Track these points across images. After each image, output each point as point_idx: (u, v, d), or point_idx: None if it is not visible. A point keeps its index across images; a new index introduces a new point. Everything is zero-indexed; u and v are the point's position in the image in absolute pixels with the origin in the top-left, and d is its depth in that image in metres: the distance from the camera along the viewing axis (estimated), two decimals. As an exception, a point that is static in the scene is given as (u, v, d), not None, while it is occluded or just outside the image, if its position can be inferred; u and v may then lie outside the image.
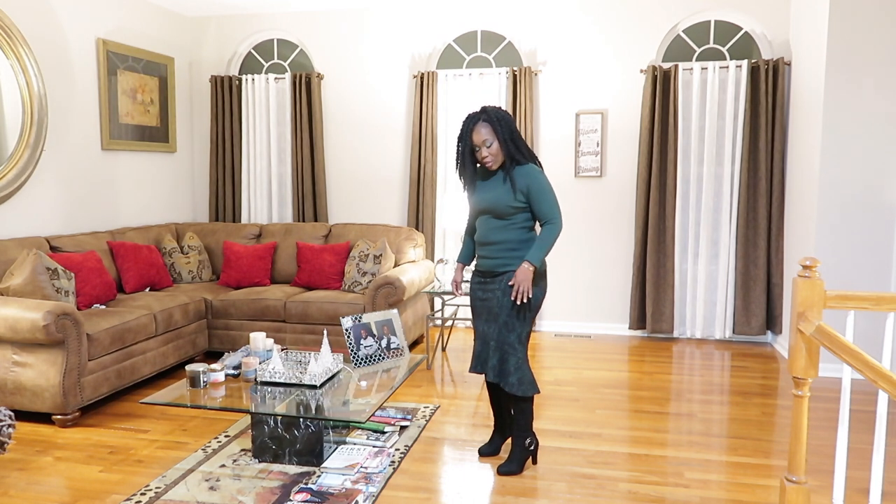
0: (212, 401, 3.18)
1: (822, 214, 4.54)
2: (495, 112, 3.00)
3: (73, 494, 2.91)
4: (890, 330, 2.22)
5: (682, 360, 5.01)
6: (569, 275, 5.82)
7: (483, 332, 3.13)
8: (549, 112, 5.74)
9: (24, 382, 3.63)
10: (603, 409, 3.94)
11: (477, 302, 3.15)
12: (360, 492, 2.89)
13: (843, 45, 4.40)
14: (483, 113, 3.00)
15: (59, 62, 4.80)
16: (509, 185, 3.00)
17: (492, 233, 3.06)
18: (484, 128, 2.97)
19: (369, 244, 5.22)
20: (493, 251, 3.06)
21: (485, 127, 2.98)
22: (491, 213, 3.05)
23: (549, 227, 2.99)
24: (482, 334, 3.14)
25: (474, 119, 3.00)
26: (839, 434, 2.27)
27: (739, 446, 3.41)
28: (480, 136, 2.98)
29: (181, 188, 6.25)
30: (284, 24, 6.16)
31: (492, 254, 3.07)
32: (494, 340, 3.06)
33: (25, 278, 3.84)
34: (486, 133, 2.97)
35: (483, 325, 3.14)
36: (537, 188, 2.99)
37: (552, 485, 2.98)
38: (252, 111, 6.13)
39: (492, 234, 3.06)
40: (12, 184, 4.38)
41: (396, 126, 6.03)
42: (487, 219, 3.07)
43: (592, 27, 5.61)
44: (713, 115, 5.33)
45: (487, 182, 3.08)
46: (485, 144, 2.98)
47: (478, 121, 2.99)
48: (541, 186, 2.99)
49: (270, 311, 4.86)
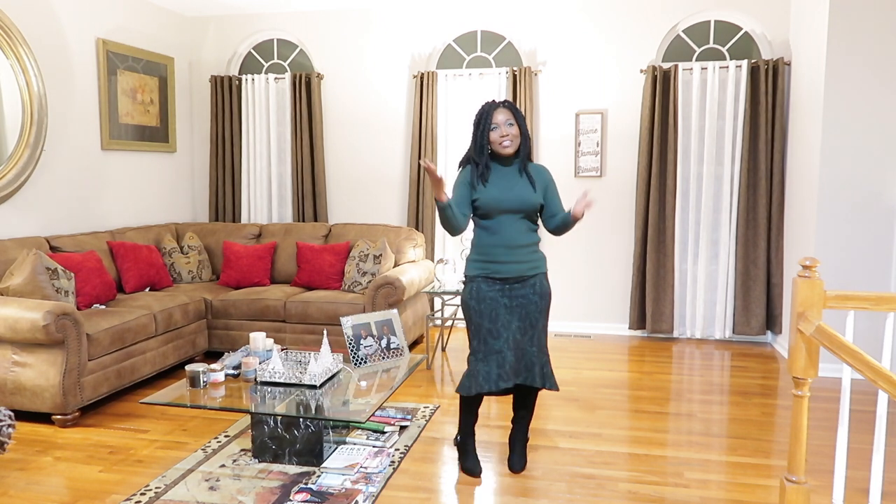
0: (212, 401, 3.18)
1: (822, 214, 4.53)
2: (512, 104, 3.01)
3: (73, 494, 2.91)
4: (890, 330, 2.22)
5: (682, 360, 5.01)
6: (569, 275, 5.82)
7: (516, 340, 2.94)
8: (549, 112, 5.74)
9: (24, 382, 3.63)
10: (603, 409, 3.94)
11: (501, 310, 2.91)
12: (360, 492, 2.89)
13: (843, 45, 4.40)
14: (504, 101, 2.99)
15: (59, 62, 4.80)
16: (527, 181, 2.96)
17: (522, 235, 2.93)
18: (504, 112, 2.94)
19: (369, 244, 5.22)
20: (523, 255, 2.94)
21: (505, 112, 2.95)
22: (521, 213, 2.93)
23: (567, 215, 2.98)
24: (515, 343, 2.93)
25: (495, 104, 2.97)
26: (839, 434, 2.27)
27: (739, 446, 3.41)
28: (504, 116, 2.93)
29: (181, 188, 6.25)
30: (284, 24, 6.16)
31: (522, 258, 2.93)
32: (537, 346, 2.98)
33: (25, 278, 3.84)
34: (509, 115, 2.94)
35: (515, 333, 2.93)
36: (553, 185, 3.04)
37: (552, 485, 2.98)
38: (252, 111, 6.13)
39: (522, 237, 2.93)
40: (12, 184, 4.38)
41: (396, 126, 6.03)
42: (515, 219, 2.93)
43: (592, 27, 5.61)
44: (713, 115, 5.33)
45: (502, 179, 2.95)
46: (507, 123, 2.92)
47: (499, 105, 2.96)
48: (554, 183, 3.06)
49: (270, 311, 4.86)
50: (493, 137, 2.93)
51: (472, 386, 2.92)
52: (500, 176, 2.96)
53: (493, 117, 2.92)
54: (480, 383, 2.91)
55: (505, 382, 2.91)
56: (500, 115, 2.93)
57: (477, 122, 2.96)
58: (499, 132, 2.92)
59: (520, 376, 2.97)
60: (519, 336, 2.95)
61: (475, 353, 2.95)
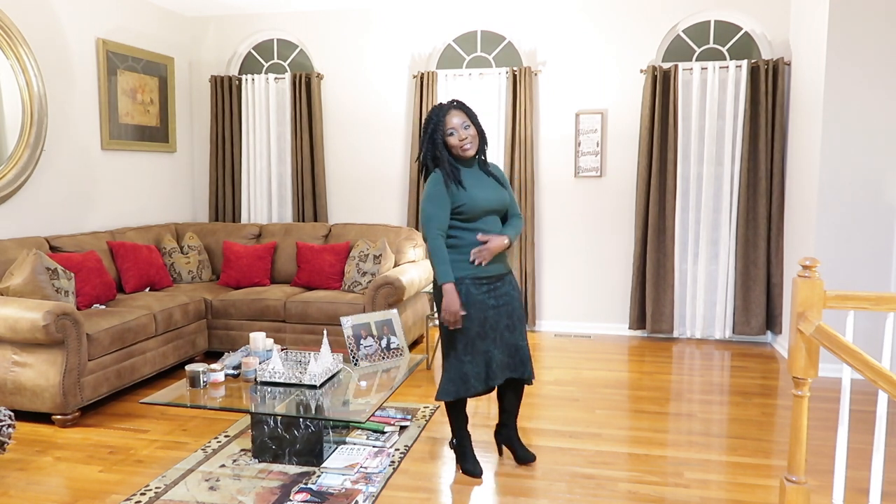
0: (212, 401, 3.18)
1: (822, 214, 4.53)
2: (463, 103, 2.94)
3: (73, 494, 2.91)
4: (890, 330, 2.22)
5: (682, 360, 5.01)
6: (569, 275, 5.82)
7: (508, 341, 2.96)
8: (549, 112, 5.74)
9: (24, 382, 3.63)
10: (603, 409, 3.94)
11: (489, 312, 2.91)
12: (360, 492, 2.89)
13: (843, 45, 4.40)
14: (452, 101, 2.92)
15: (59, 62, 4.80)
16: (493, 180, 2.99)
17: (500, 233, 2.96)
18: (458, 114, 2.88)
19: (369, 244, 5.22)
20: (501, 253, 2.96)
21: (458, 114, 2.89)
22: (498, 213, 2.98)
23: (520, 218, 3.08)
24: (508, 345, 2.96)
25: (445, 107, 2.90)
26: (839, 434, 2.27)
27: (739, 446, 3.41)
28: (459, 119, 2.86)
29: (181, 188, 6.25)
30: (284, 24, 6.16)
31: (501, 256, 2.97)
32: (524, 341, 3.01)
33: (25, 278, 3.84)
34: (463, 117, 2.89)
35: (507, 334, 2.96)
36: (509, 185, 3.07)
37: (552, 485, 2.98)
38: (252, 111, 6.13)
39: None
40: (12, 184, 4.38)
41: (396, 126, 6.03)
42: (495, 219, 2.96)
43: (592, 27, 5.61)
44: (713, 115, 5.33)
45: (473, 180, 2.93)
46: (463, 126, 2.87)
47: (450, 108, 2.90)
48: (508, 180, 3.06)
49: (270, 311, 4.86)
50: (453, 143, 2.88)
51: (460, 389, 2.92)
52: (469, 177, 2.94)
53: (447, 122, 2.87)
54: (472, 385, 2.91)
55: (494, 381, 2.93)
56: (455, 119, 2.87)
57: (428, 129, 2.88)
58: (457, 136, 2.87)
59: (515, 371, 3.01)
60: (507, 334, 2.97)
61: (461, 356, 2.91)
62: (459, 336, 2.90)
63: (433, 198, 2.86)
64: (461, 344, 2.91)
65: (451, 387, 2.93)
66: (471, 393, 2.93)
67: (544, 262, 5.86)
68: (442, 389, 2.96)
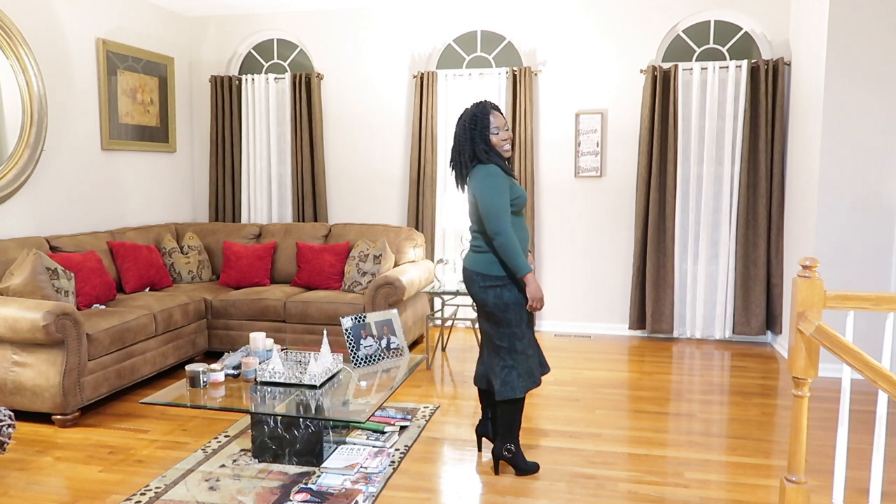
0: (212, 401, 3.18)
1: (822, 214, 4.53)
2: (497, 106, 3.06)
3: (73, 494, 2.91)
4: (890, 330, 2.22)
5: (682, 360, 5.01)
6: (569, 275, 5.82)
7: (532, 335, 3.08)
8: (549, 112, 5.74)
9: (24, 382, 3.63)
10: (603, 409, 3.94)
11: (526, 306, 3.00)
12: (360, 492, 2.89)
13: (843, 45, 4.40)
14: (490, 103, 3.00)
15: (59, 62, 4.80)
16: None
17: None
18: (499, 116, 2.98)
19: (369, 244, 5.22)
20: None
21: (499, 115, 2.99)
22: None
23: None
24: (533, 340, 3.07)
25: (489, 106, 2.97)
26: (839, 434, 2.27)
27: (739, 446, 3.41)
28: (501, 120, 2.98)
29: (181, 188, 6.25)
30: (284, 24, 6.16)
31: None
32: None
33: (25, 278, 3.84)
34: (503, 119, 3.00)
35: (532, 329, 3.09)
36: None
37: (552, 485, 2.98)
38: (252, 111, 6.13)
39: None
40: (12, 184, 4.38)
41: (396, 126, 6.03)
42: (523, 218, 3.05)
43: (592, 27, 5.61)
44: (713, 115, 5.33)
45: None
46: (504, 127, 2.97)
47: (492, 108, 2.98)
48: None
49: (270, 311, 4.86)
50: (496, 141, 2.95)
51: (529, 384, 2.99)
52: None
53: (492, 120, 2.96)
54: (536, 377, 3.03)
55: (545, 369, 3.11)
56: (499, 119, 2.97)
57: (475, 125, 2.93)
58: (500, 136, 2.96)
59: (544, 366, 3.13)
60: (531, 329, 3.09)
61: (526, 350, 2.99)
62: (521, 332, 2.98)
63: (500, 190, 2.85)
64: (526, 339, 3.00)
65: (522, 382, 2.97)
66: (538, 384, 3.03)
67: (544, 262, 5.86)
68: (518, 387, 2.95)
